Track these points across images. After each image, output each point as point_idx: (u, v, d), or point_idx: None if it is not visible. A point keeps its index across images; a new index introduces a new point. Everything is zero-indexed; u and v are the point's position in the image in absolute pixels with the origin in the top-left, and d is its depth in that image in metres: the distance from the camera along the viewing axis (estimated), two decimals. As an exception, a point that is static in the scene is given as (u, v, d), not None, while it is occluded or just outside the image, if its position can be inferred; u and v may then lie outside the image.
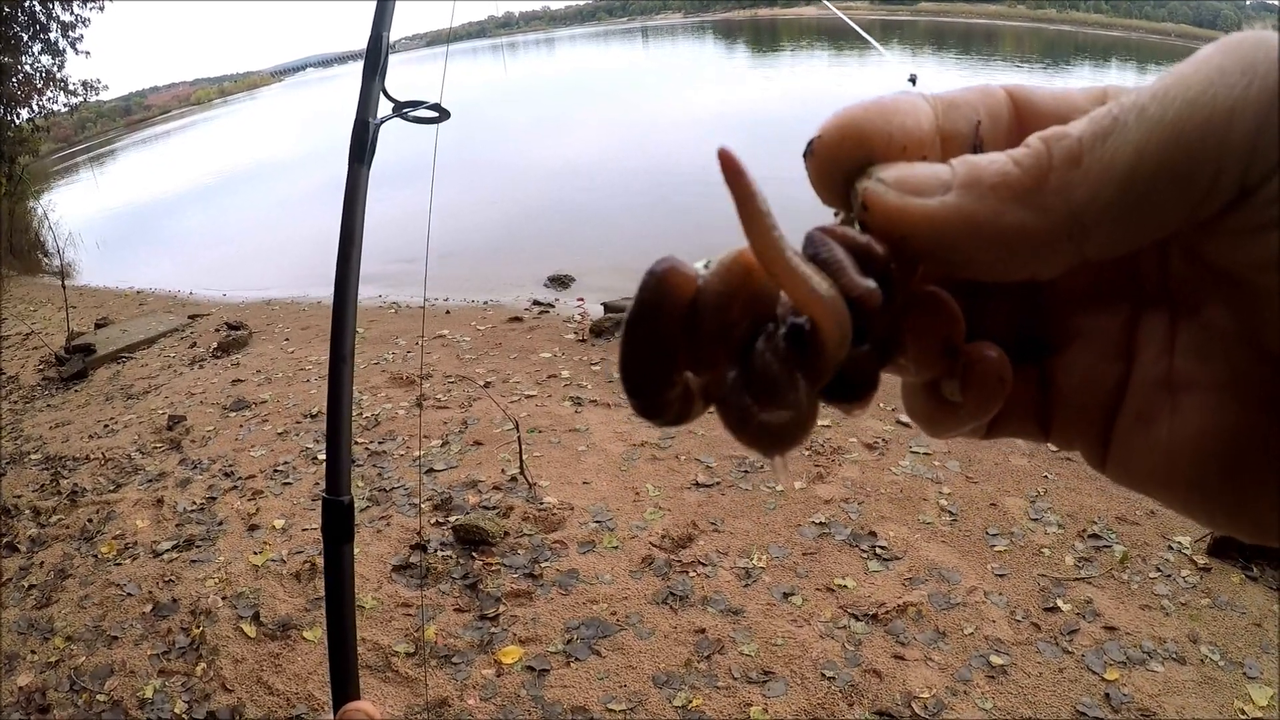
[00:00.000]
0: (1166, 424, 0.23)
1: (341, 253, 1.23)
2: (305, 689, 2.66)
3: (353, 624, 1.16)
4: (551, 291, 7.57)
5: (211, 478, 4.15)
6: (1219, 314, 0.22)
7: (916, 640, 2.66)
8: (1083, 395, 0.25)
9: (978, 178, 0.21)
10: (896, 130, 0.23)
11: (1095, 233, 0.20)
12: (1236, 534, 0.23)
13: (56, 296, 8.10)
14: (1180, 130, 0.19)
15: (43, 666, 2.87)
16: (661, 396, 0.21)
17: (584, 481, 3.71)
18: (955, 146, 0.23)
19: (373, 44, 1.26)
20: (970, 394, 0.24)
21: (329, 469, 1.16)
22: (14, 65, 13.84)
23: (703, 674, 2.59)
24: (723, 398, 0.21)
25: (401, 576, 3.15)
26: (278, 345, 6.37)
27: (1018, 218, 0.20)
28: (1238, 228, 0.19)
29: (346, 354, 1.18)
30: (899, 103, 0.23)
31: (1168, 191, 0.19)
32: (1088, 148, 0.20)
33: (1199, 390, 0.23)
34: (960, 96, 0.24)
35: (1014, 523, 3.21)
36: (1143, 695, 2.39)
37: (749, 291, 0.21)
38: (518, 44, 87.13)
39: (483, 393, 4.74)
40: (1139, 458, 0.24)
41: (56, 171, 27.42)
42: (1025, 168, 0.20)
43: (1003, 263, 0.21)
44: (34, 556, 3.58)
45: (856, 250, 0.22)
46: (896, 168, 0.22)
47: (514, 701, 2.54)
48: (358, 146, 1.23)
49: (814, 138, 0.23)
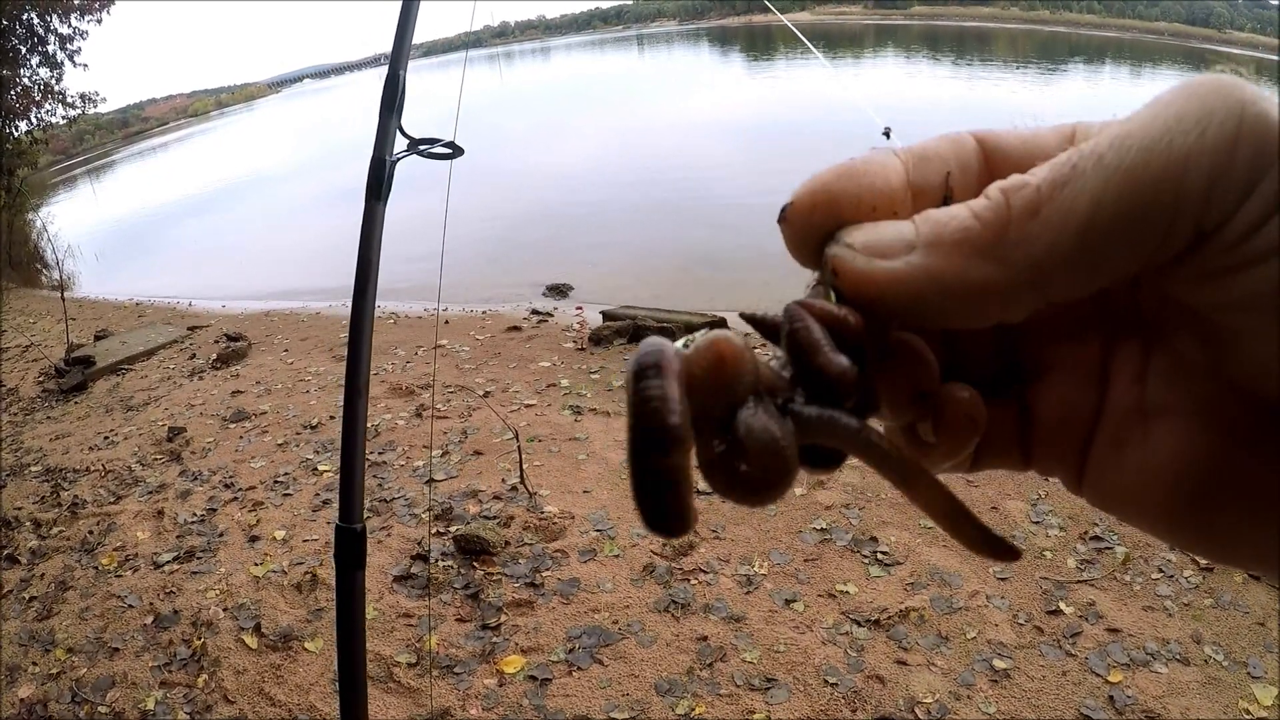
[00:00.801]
0: (1139, 449, 0.24)
1: (358, 287, 1.22)
2: (307, 700, 2.65)
3: (363, 649, 1.15)
4: (550, 300, 7.58)
5: (212, 489, 4.15)
6: (1187, 344, 0.23)
7: (919, 645, 2.65)
8: (1060, 423, 0.26)
9: (939, 235, 0.21)
10: (865, 192, 0.23)
11: (1056, 280, 0.21)
12: (1206, 557, 0.24)
13: (56, 308, 8.10)
14: (1136, 178, 0.19)
15: (44, 678, 2.87)
16: (686, 516, 0.21)
17: (584, 490, 3.71)
18: (927, 199, 0.24)
19: (389, 82, 1.26)
20: (943, 435, 0.25)
21: (342, 496, 1.15)
22: (12, 78, 13.88)
23: (705, 681, 2.58)
24: (708, 466, 0.22)
25: (403, 587, 3.15)
26: (277, 356, 6.38)
27: (981, 272, 0.21)
28: (1197, 272, 0.20)
29: (362, 386, 1.17)
30: (870, 164, 0.24)
31: (1125, 238, 0.19)
32: (1046, 198, 0.20)
33: (1169, 417, 0.23)
34: (931, 148, 0.24)
35: (1015, 526, 3.21)
36: (1147, 697, 2.38)
37: (724, 379, 0.21)
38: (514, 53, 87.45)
39: (482, 402, 4.74)
40: (1112, 482, 0.25)
41: (55, 184, 27.47)
42: (985, 222, 0.21)
43: (971, 314, 0.22)
44: (35, 568, 3.58)
45: (832, 322, 0.22)
46: (863, 230, 0.23)
47: (516, 711, 2.53)
48: (374, 183, 1.22)
49: (787, 204, 0.24)
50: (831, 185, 0.23)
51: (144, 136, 55.36)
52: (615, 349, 5.54)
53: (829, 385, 0.21)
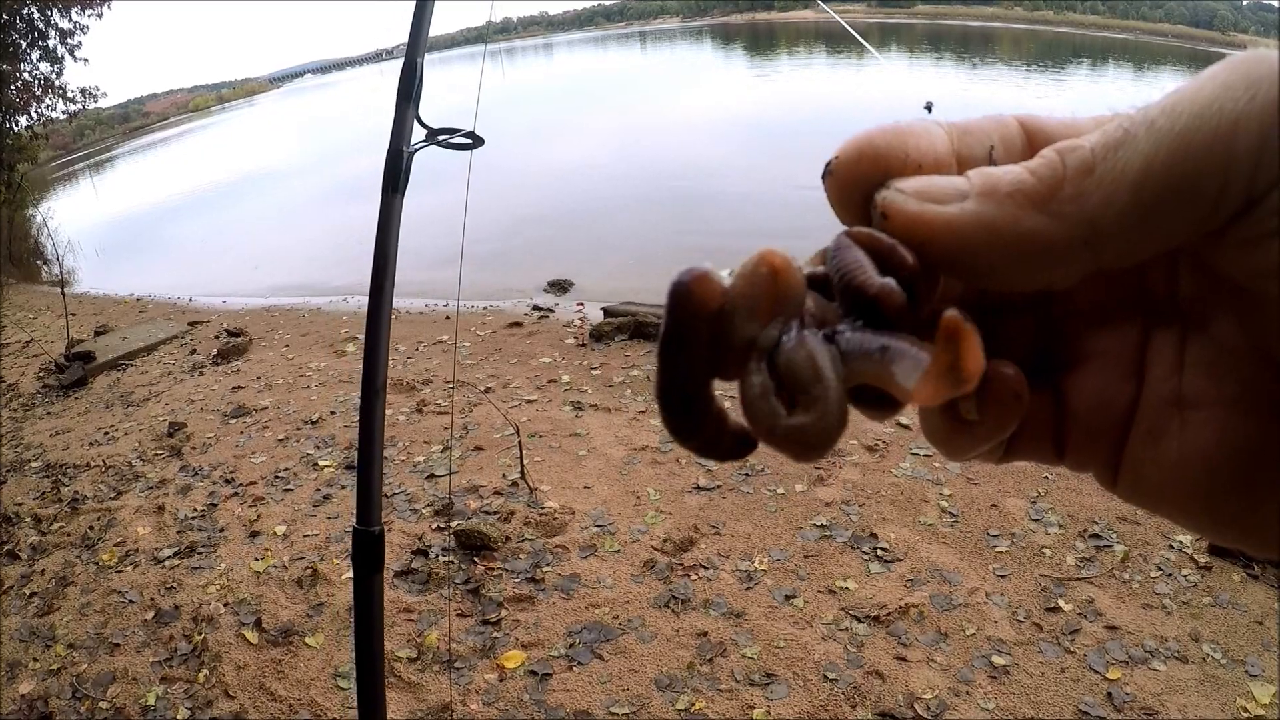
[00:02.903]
0: (1176, 440, 0.24)
1: (374, 283, 1.17)
2: (308, 695, 2.66)
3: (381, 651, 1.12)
4: (551, 296, 7.58)
5: (212, 484, 4.15)
6: (1227, 328, 0.23)
7: (918, 641, 2.66)
8: (1095, 416, 0.26)
9: (994, 185, 0.22)
10: (912, 151, 0.23)
11: (1110, 241, 0.21)
12: (1246, 548, 0.24)
13: (56, 304, 8.10)
14: (1188, 142, 0.19)
15: (44, 674, 2.87)
16: (698, 417, 0.21)
17: (585, 486, 3.71)
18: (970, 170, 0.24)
19: (406, 69, 1.22)
20: (987, 411, 0.24)
21: (360, 499, 1.11)
22: (13, 73, 13.86)
23: (705, 677, 2.59)
24: (751, 402, 0.21)
25: (403, 582, 3.15)
26: (278, 352, 6.38)
27: (1034, 223, 0.21)
28: (1244, 237, 0.20)
29: (379, 387, 1.12)
30: (914, 127, 0.24)
31: (1177, 201, 0.20)
32: (1100, 158, 0.20)
33: (1207, 406, 0.23)
34: (974, 124, 0.24)
35: (1015, 523, 3.22)
36: (1145, 694, 2.39)
37: (775, 294, 0.21)
38: (515, 49, 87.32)
39: (483, 398, 4.75)
40: (1149, 475, 0.25)
41: (55, 179, 27.45)
42: (1040, 176, 0.21)
43: (1020, 270, 0.22)
44: (35, 564, 3.58)
45: (880, 251, 0.22)
46: (915, 179, 0.23)
47: (516, 706, 2.54)
48: (391, 175, 1.18)
49: (831, 159, 0.24)
50: (878, 140, 0.23)
51: (145, 132, 55.31)
52: (616, 345, 5.54)
53: (871, 306, 0.21)
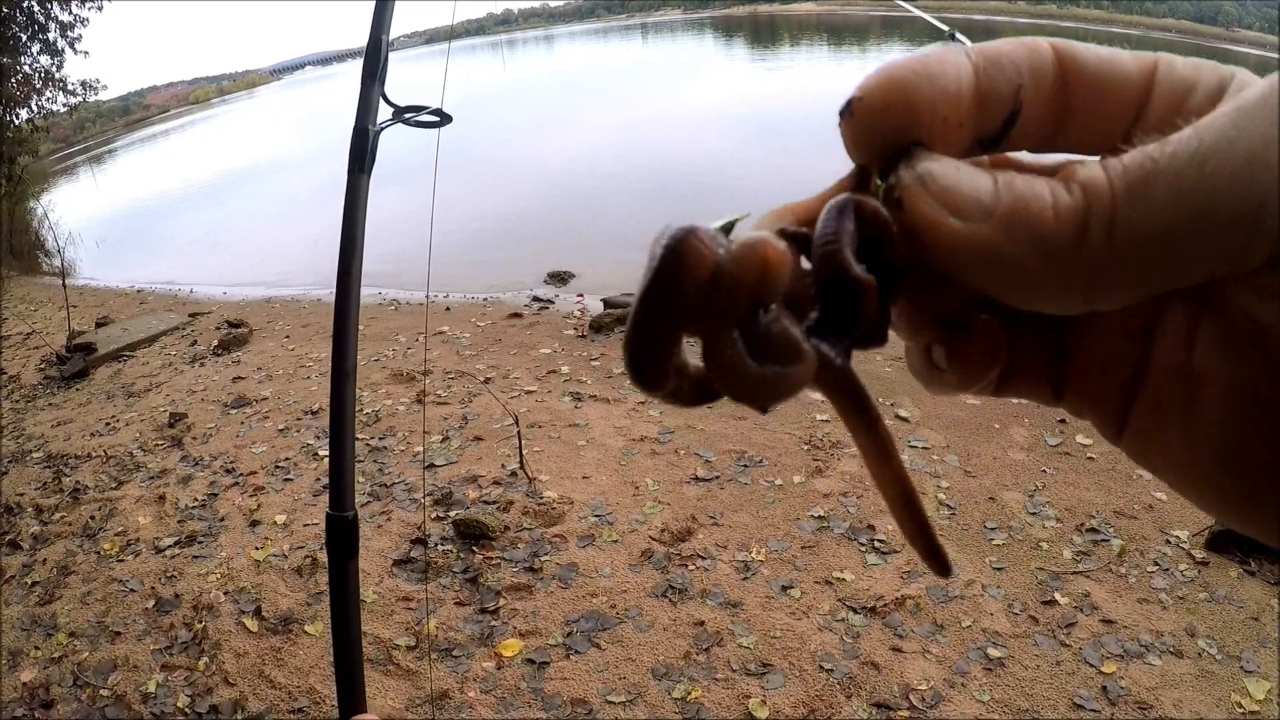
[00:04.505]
0: (1184, 417, 0.23)
1: (342, 264, 1.15)
2: (307, 682, 2.67)
3: (358, 636, 1.12)
4: (551, 288, 7.58)
5: (213, 474, 4.17)
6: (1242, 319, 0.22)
7: (914, 633, 2.67)
8: (1099, 368, 0.25)
9: (1017, 216, 0.20)
10: (940, 96, 0.21)
11: (1107, 294, 0.20)
12: (1251, 534, 0.23)
13: (57, 296, 8.11)
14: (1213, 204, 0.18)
15: (46, 662, 2.89)
16: (664, 368, 0.21)
17: (583, 476, 3.72)
18: (993, 108, 0.22)
19: (371, 47, 1.20)
20: (956, 365, 0.24)
21: (332, 484, 1.10)
22: (13, 66, 13.83)
23: (701, 666, 2.60)
24: (717, 354, 0.21)
25: (402, 571, 3.17)
26: (278, 343, 6.38)
27: (1039, 268, 0.20)
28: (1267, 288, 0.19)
29: (349, 369, 1.11)
30: (945, 65, 0.22)
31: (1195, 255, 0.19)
32: (1122, 205, 0.19)
33: (1217, 386, 0.22)
34: (1005, 52, 0.22)
35: (1012, 517, 3.22)
36: (1140, 688, 2.40)
37: (761, 284, 0.21)
38: (516, 41, 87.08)
39: (483, 388, 4.75)
40: (1156, 445, 0.24)
41: (56, 171, 27.41)
42: (1064, 220, 0.20)
43: (1008, 296, 0.21)
44: (37, 553, 3.60)
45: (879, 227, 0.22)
46: (942, 168, 0.21)
47: (514, 694, 2.56)
48: (358, 154, 1.17)
49: (853, 97, 0.22)
50: (908, 83, 0.21)
51: (145, 124, 55.17)
52: (616, 336, 5.54)
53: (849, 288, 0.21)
